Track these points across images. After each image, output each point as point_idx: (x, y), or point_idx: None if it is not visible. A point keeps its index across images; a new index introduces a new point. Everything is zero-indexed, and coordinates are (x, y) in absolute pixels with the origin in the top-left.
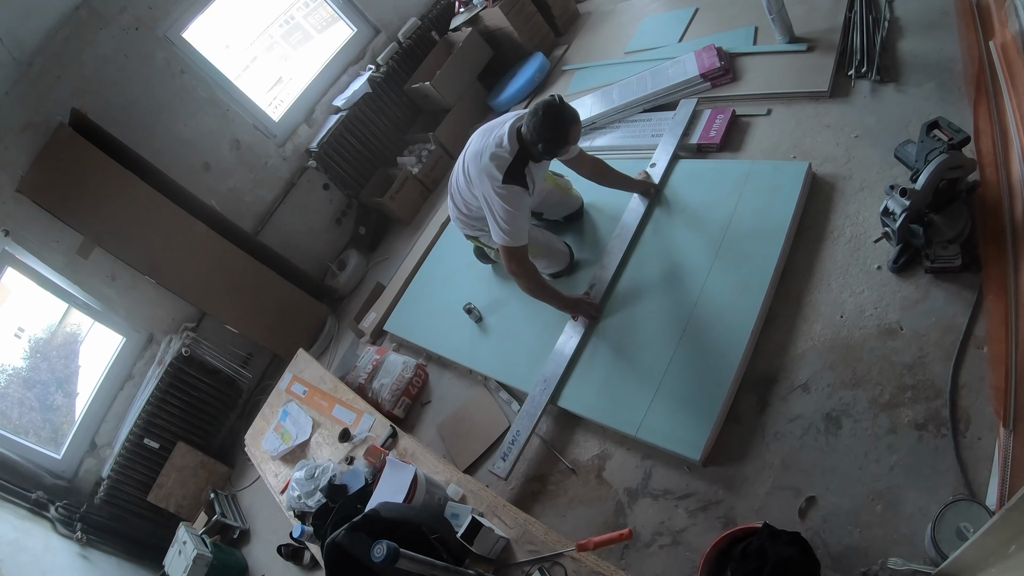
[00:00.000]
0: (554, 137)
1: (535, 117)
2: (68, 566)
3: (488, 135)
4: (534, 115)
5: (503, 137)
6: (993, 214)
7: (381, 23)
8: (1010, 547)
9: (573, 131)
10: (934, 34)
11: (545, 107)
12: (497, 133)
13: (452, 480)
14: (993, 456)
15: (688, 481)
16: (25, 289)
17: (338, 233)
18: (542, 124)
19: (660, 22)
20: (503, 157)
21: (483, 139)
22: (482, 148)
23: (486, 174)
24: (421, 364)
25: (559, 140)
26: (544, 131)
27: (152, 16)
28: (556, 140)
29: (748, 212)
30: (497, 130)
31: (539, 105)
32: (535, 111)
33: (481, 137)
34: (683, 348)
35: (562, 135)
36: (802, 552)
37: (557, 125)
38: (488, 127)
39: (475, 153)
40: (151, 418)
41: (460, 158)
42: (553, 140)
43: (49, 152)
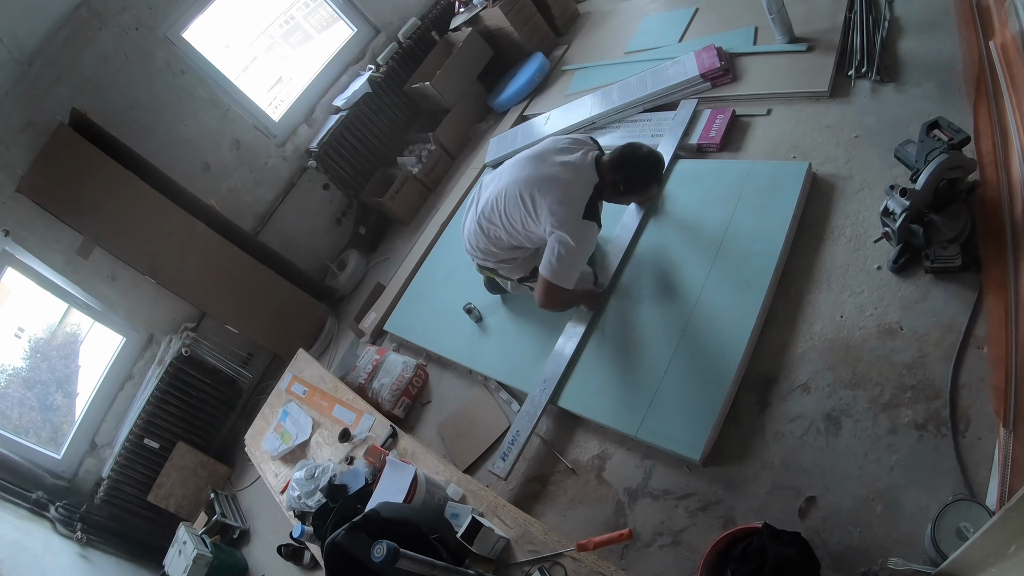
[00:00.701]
0: (646, 182)
1: (632, 154)
2: (68, 566)
3: (546, 162)
4: (632, 152)
5: (583, 168)
6: (993, 214)
7: (381, 23)
8: (1010, 547)
9: (658, 181)
10: (934, 34)
11: (647, 152)
12: (571, 161)
13: (452, 480)
14: (993, 456)
15: (688, 481)
16: (25, 289)
17: (338, 233)
18: (642, 164)
19: (660, 22)
20: (585, 190)
21: (540, 166)
22: (548, 175)
23: (561, 205)
24: (421, 364)
25: (648, 185)
26: (640, 172)
27: (152, 16)
28: (646, 184)
29: (748, 212)
30: (563, 158)
31: (636, 147)
32: (632, 149)
33: (535, 164)
34: (683, 348)
35: (655, 180)
36: (802, 552)
37: (655, 167)
38: (538, 154)
39: (537, 180)
40: (151, 418)
41: (496, 183)
42: (643, 184)
43: (49, 152)
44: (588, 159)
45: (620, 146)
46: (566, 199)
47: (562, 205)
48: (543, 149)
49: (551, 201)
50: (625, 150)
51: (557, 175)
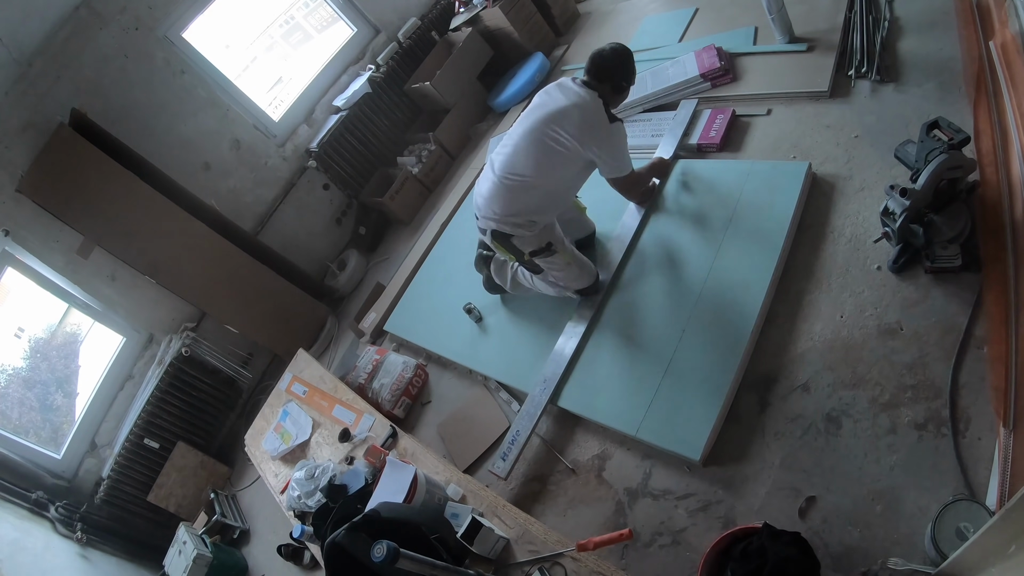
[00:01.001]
0: (629, 68)
1: (605, 59)
2: (68, 566)
3: (549, 106)
4: (602, 58)
5: (578, 94)
6: (993, 214)
7: (381, 23)
8: (1010, 547)
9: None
10: (934, 34)
11: (610, 49)
12: (569, 94)
13: (452, 480)
14: (993, 456)
15: (688, 481)
16: (25, 289)
17: (338, 233)
18: (615, 59)
19: (660, 22)
20: (596, 104)
21: (547, 111)
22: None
23: (589, 125)
24: (421, 364)
25: (632, 70)
26: (619, 65)
27: (152, 16)
28: (630, 70)
29: (748, 212)
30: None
31: (602, 51)
32: (600, 55)
33: (541, 112)
34: (683, 348)
35: (632, 65)
36: (802, 552)
37: (627, 57)
38: (538, 105)
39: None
40: (151, 418)
41: (510, 142)
42: (629, 70)
43: (49, 152)
44: (578, 86)
45: (589, 61)
46: (586, 120)
47: (588, 125)
48: (539, 101)
49: (575, 129)
50: (597, 60)
51: (565, 109)
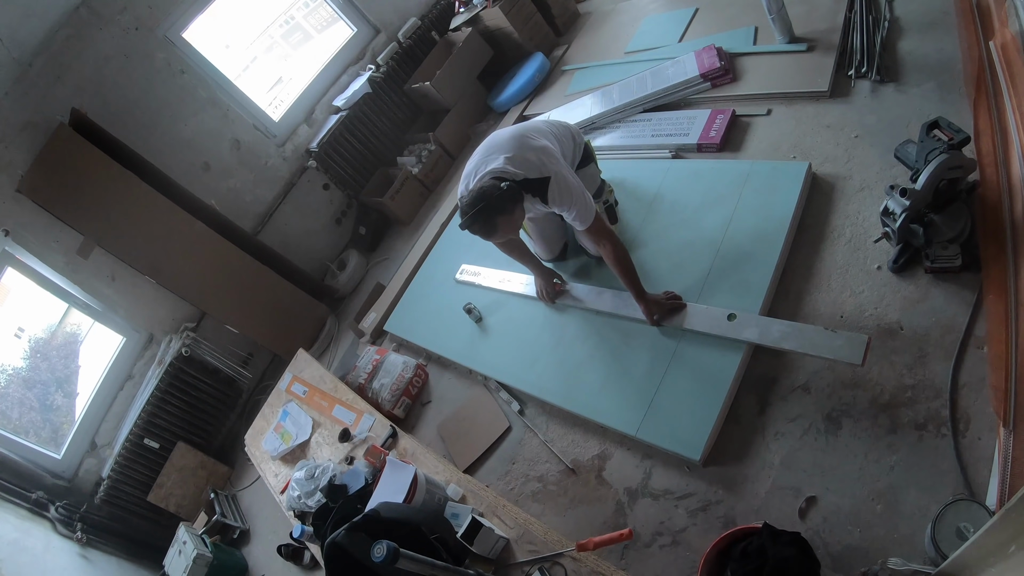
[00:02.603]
0: (461, 218)
1: (468, 193)
2: (68, 566)
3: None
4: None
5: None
6: (993, 214)
7: (381, 23)
8: (1010, 547)
9: (472, 229)
10: (934, 34)
11: (473, 193)
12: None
13: (452, 480)
14: (993, 456)
15: (688, 481)
16: (25, 289)
17: (338, 233)
18: (462, 206)
19: (660, 22)
20: (460, 193)
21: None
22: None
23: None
24: (421, 364)
25: (463, 222)
26: (460, 211)
27: (152, 16)
28: (463, 221)
29: (748, 212)
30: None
31: (474, 192)
32: (468, 194)
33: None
34: (683, 348)
35: (464, 221)
36: (802, 552)
37: (466, 215)
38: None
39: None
40: (151, 418)
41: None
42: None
43: (49, 152)
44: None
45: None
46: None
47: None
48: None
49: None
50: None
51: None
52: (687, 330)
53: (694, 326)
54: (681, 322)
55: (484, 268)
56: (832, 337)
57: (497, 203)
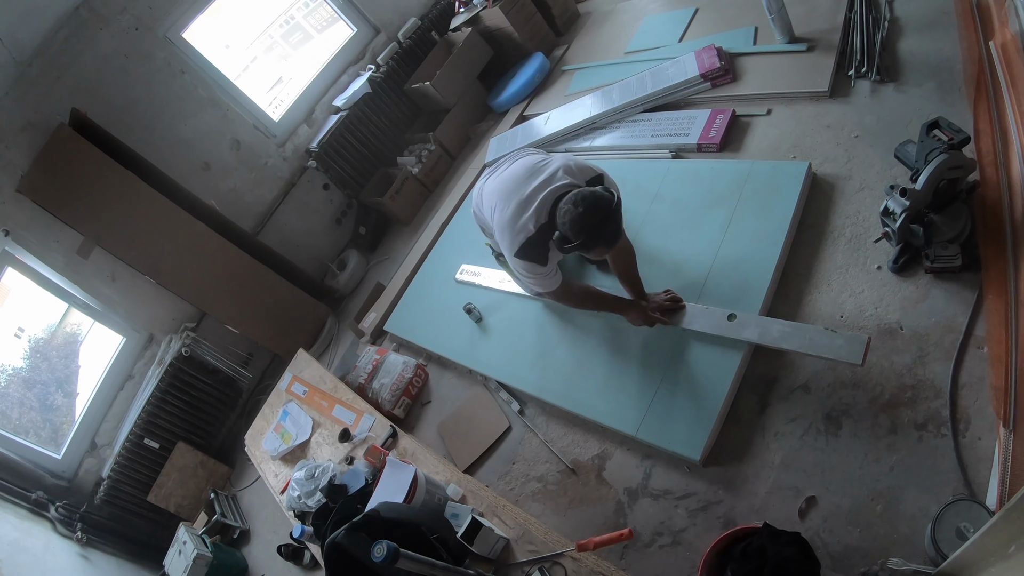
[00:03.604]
0: (582, 242)
1: (574, 208)
2: (68, 566)
3: (527, 184)
4: (575, 205)
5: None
6: (993, 214)
7: (381, 23)
8: (1010, 547)
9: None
10: (934, 34)
11: (589, 206)
12: (532, 193)
13: (452, 480)
14: (993, 456)
15: (688, 481)
16: (25, 289)
17: (338, 233)
18: (576, 221)
19: (660, 22)
20: (527, 230)
21: (521, 185)
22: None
23: (506, 233)
24: (421, 364)
25: (584, 245)
26: (574, 229)
27: (152, 16)
28: (582, 244)
29: (748, 212)
30: (536, 184)
31: (586, 198)
32: (577, 201)
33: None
34: (683, 348)
35: (590, 241)
36: (802, 552)
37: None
38: (533, 167)
39: (505, 194)
40: (151, 418)
41: (493, 174)
42: (579, 243)
43: (49, 152)
44: (546, 198)
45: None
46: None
47: (506, 233)
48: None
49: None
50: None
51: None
52: (687, 330)
53: (694, 326)
54: (681, 322)
55: (484, 268)
56: (832, 337)
57: (618, 207)
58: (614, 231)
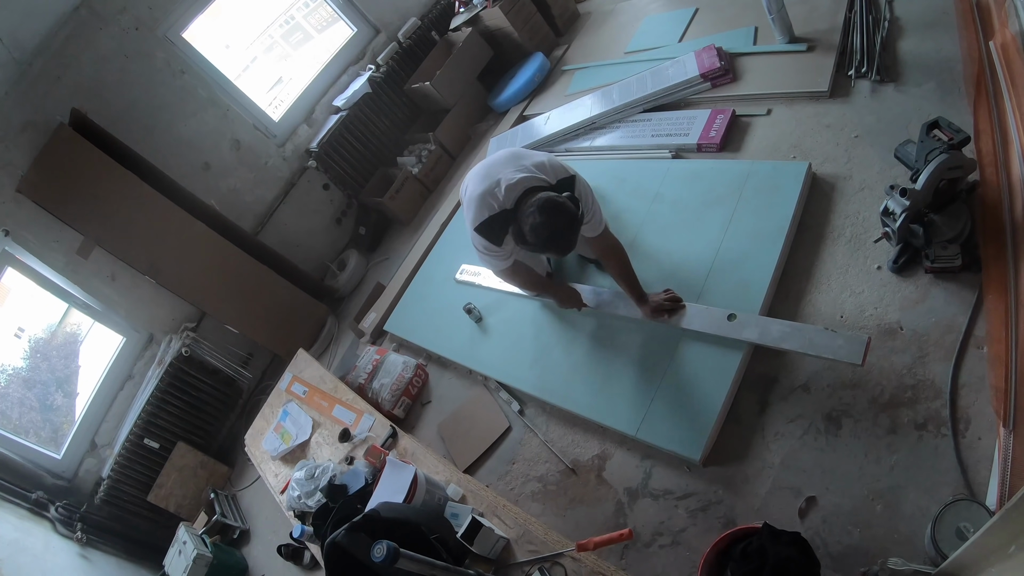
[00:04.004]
0: (535, 245)
1: (537, 214)
2: (68, 566)
3: (503, 169)
4: (539, 211)
5: (505, 190)
6: (993, 214)
7: (381, 23)
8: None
9: (552, 251)
10: (934, 34)
11: (548, 217)
12: (505, 178)
13: (452, 480)
14: (993, 456)
15: (688, 481)
16: (25, 289)
17: (338, 233)
18: (535, 227)
19: (660, 22)
20: (491, 207)
21: (499, 169)
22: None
23: (471, 206)
24: (421, 364)
25: (536, 248)
26: (532, 233)
27: (152, 16)
28: (535, 247)
29: (748, 212)
30: (510, 171)
31: (549, 209)
32: (542, 208)
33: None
34: (683, 348)
35: (542, 247)
36: (802, 552)
37: (546, 240)
38: (512, 155)
39: (482, 175)
40: (151, 418)
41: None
42: (532, 245)
43: (49, 152)
44: (519, 183)
45: (539, 202)
46: (473, 207)
47: (471, 207)
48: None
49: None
50: (531, 209)
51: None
52: (687, 330)
53: (694, 326)
54: (681, 322)
55: (484, 268)
56: (832, 337)
57: (575, 217)
58: (566, 244)
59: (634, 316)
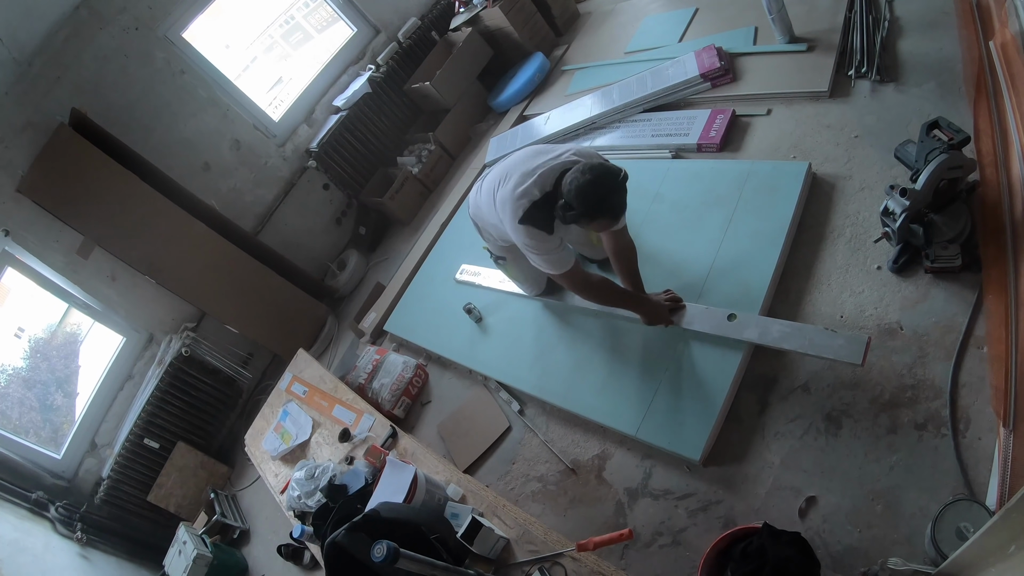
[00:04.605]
0: (585, 210)
1: (582, 176)
2: (68, 566)
3: (532, 161)
4: (583, 173)
5: (540, 176)
6: (993, 214)
7: (381, 23)
8: (1010, 547)
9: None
10: (934, 34)
11: (597, 175)
12: (537, 167)
13: (452, 480)
14: (993, 456)
15: (688, 481)
16: (25, 289)
17: (338, 233)
18: (582, 188)
19: (660, 22)
20: (531, 195)
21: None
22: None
23: (507, 204)
24: (421, 364)
25: (587, 214)
26: (579, 196)
27: (152, 16)
28: (585, 213)
29: (748, 212)
30: (542, 161)
31: (595, 168)
32: (585, 170)
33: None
34: (683, 348)
35: (594, 211)
36: (802, 552)
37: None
38: (539, 150)
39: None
40: (151, 418)
41: (495, 166)
42: (582, 211)
43: (49, 152)
44: (552, 170)
45: (582, 167)
46: (509, 202)
47: (508, 205)
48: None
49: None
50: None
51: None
52: (687, 330)
53: (694, 326)
54: (681, 322)
55: (484, 268)
56: (832, 337)
57: (622, 178)
58: (619, 203)
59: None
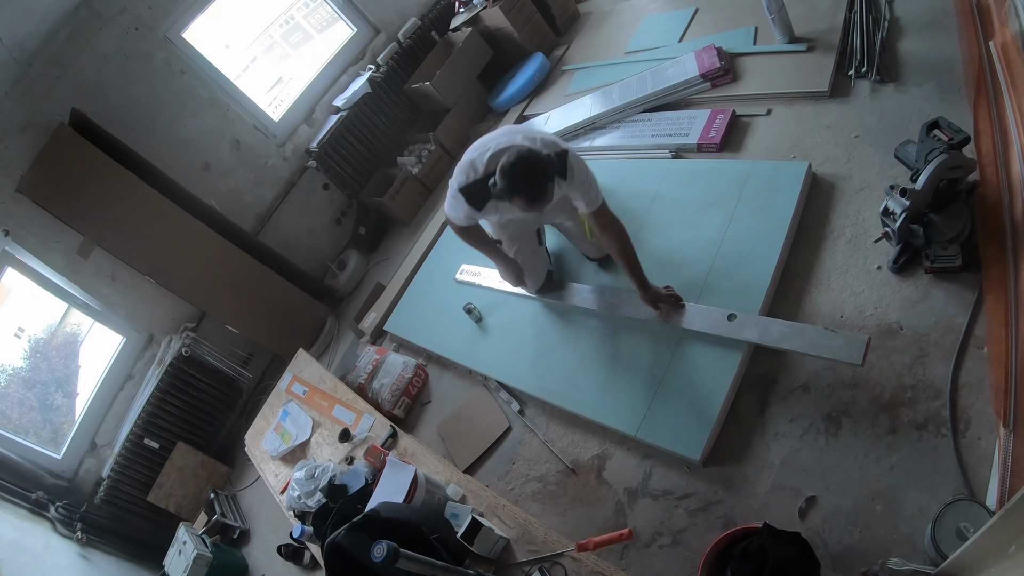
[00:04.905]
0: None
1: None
2: (68, 566)
3: (498, 139)
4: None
5: (493, 153)
6: (993, 214)
7: (381, 23)
8: (1010, 547)
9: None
10: (934, 34)
11: (522, 158)
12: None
13: (452, 480)
14: (993, 456)
15: (688, 481)
16: (25, 289)
17: (338, 233)
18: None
19: (660, 22)
20: (475, 170)
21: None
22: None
23: (459, 169)
24: (421, 364)
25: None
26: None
27: (152, 16)
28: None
29: (748, 212)
30: (502, 140)
31: (521, 153)
32: (512, 153)
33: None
34: (683, 348)
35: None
36: (802, 552)
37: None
38: (509, 130)
39: (478, 145)
40: (151, 418)
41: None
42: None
43: (49, 152)
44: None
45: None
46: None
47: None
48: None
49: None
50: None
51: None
52: (687, 330)
53: (694, 326)
54: (681, 322)
55: (484, 268)
56: (832, 337)
57: (549, 168)
58: (536, 187)
59: (636, 314)
